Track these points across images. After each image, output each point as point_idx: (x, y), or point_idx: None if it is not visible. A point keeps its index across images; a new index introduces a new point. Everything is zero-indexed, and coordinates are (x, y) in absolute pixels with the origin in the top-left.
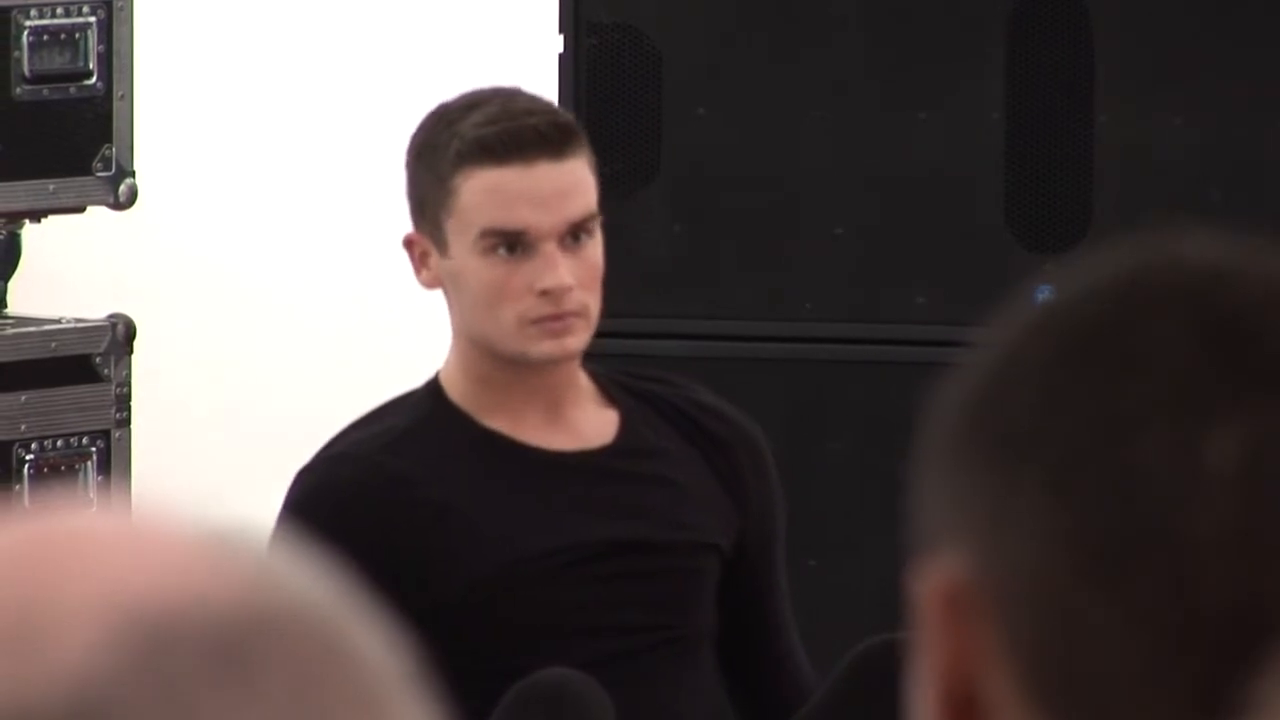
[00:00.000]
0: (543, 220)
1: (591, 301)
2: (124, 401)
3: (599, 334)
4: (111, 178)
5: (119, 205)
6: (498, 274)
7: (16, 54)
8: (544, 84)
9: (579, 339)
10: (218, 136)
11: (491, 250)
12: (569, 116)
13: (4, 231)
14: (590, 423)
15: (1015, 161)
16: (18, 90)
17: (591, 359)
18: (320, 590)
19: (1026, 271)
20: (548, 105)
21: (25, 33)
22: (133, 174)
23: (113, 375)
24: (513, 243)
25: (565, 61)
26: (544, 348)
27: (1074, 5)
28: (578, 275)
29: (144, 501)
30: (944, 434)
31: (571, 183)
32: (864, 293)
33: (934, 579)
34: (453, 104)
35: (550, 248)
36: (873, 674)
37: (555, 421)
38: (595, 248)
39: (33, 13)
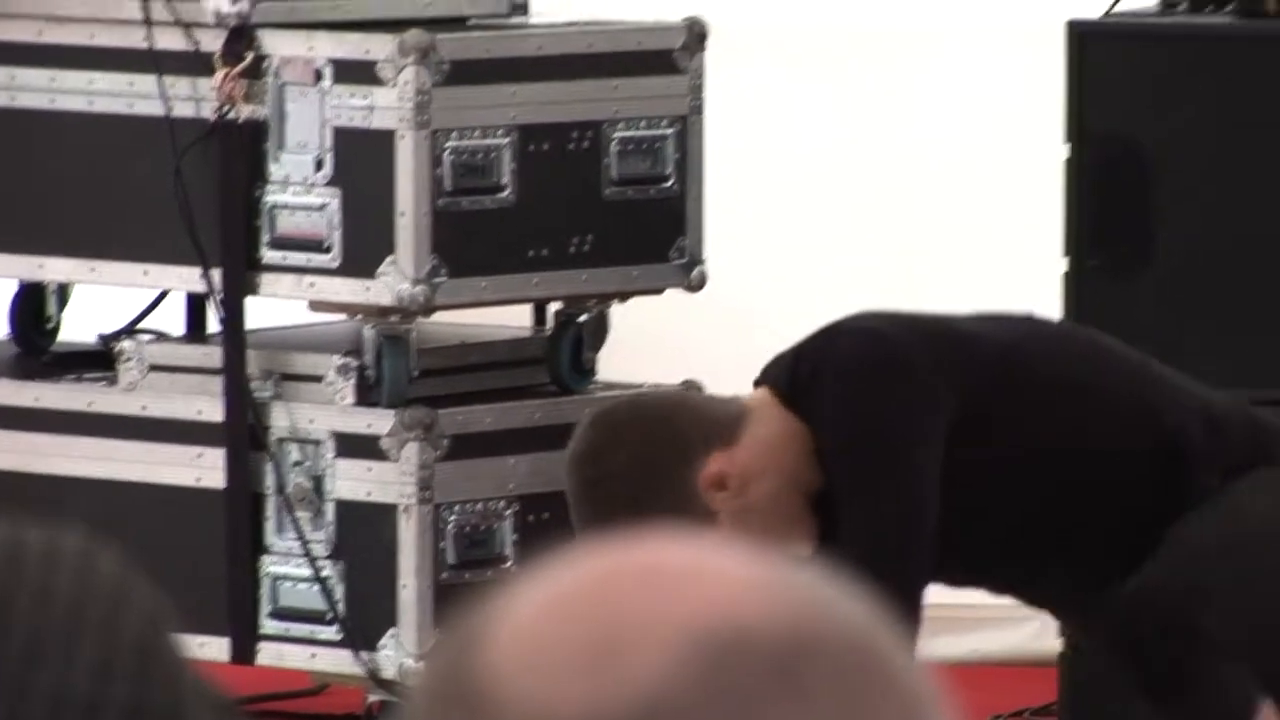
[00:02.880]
0: None
1: None
2: None
3: None
4: (684, 265)
5: (691, 287)
6: None
7: (606, 160)
8: (1051, 186)
9: None
10: (775, 226)
11: None
12: None
13: (595, 310)
14: None
15: None
16: (607, 191)
17: None
18: (862, 615)
19: None
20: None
21: (614, 143)
22: (702, 261)
23: None
24: None
25: (1071, 166)
26: None
27: None
28: None
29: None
30: None
31: None
32: None
33: None
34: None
35: None
36: None
37: None
38: None
39: (620, 126)
